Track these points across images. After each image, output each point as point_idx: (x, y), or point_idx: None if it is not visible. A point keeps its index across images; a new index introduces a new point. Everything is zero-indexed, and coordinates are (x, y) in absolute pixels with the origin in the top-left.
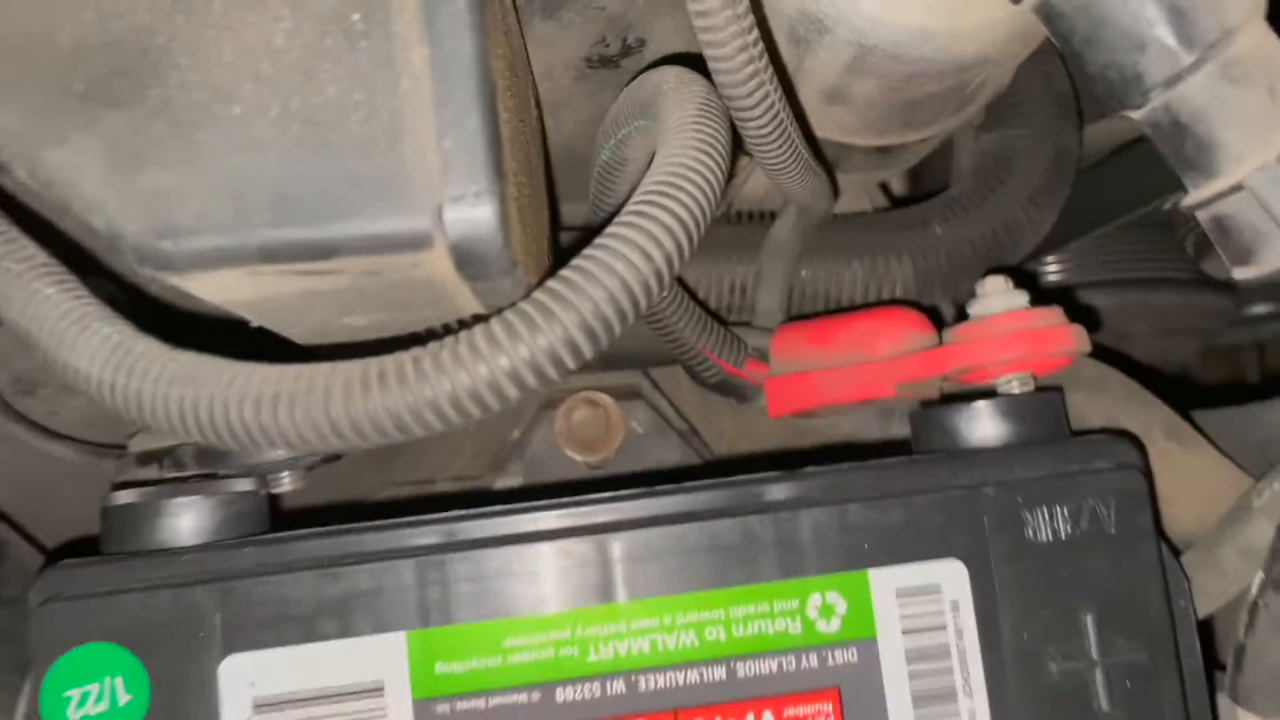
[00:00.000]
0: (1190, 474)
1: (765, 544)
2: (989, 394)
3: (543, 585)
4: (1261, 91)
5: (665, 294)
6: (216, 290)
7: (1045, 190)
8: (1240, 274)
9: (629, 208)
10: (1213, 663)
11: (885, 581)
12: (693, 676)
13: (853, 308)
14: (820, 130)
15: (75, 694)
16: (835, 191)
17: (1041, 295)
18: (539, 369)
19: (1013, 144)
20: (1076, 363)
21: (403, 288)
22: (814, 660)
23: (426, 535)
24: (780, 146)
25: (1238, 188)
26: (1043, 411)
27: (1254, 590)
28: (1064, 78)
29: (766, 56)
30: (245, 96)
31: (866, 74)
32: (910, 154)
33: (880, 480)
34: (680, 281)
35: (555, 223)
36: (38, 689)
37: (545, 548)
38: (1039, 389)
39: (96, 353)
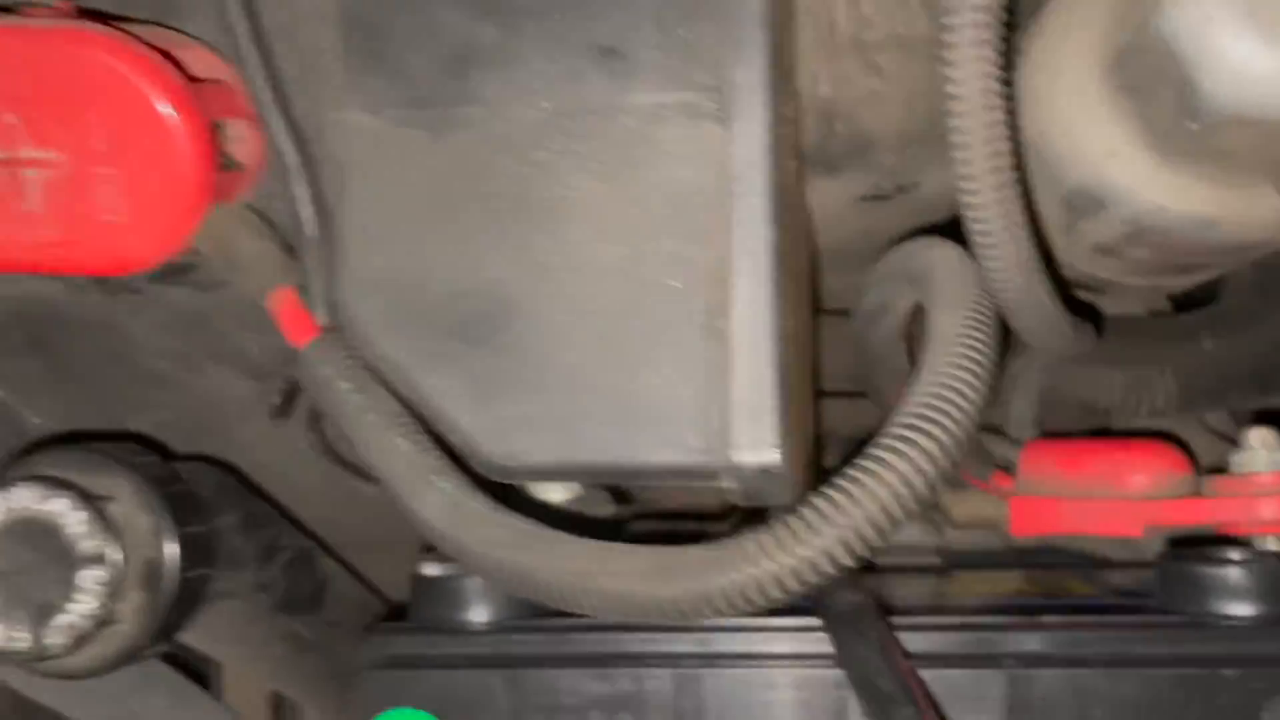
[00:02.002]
0: None
1: (996, 698)
2: (1244, 544)
3: (781, 706)
4: None
5: None
6: (544, 489)
7: None
8: None
9: (897, 422)
10: None
11: None
12: None
13: (1107, 417)
14: (1087, 269)
15: None
16: (1098, 332)
17: None
18: (800, 576)
19: None
20: None
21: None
22: None
23: (682, 643)
24: (1045, 330)
25: None
26: None
27: None
28: None
29: (1038, 267)
30: (579, 343)
31: (1141, 245)
32: (1180, 287)
33: (1116, 643)
34: None
35: (817, 309)
36: None
37: (785, 673)
38: None
39: (435, 507)
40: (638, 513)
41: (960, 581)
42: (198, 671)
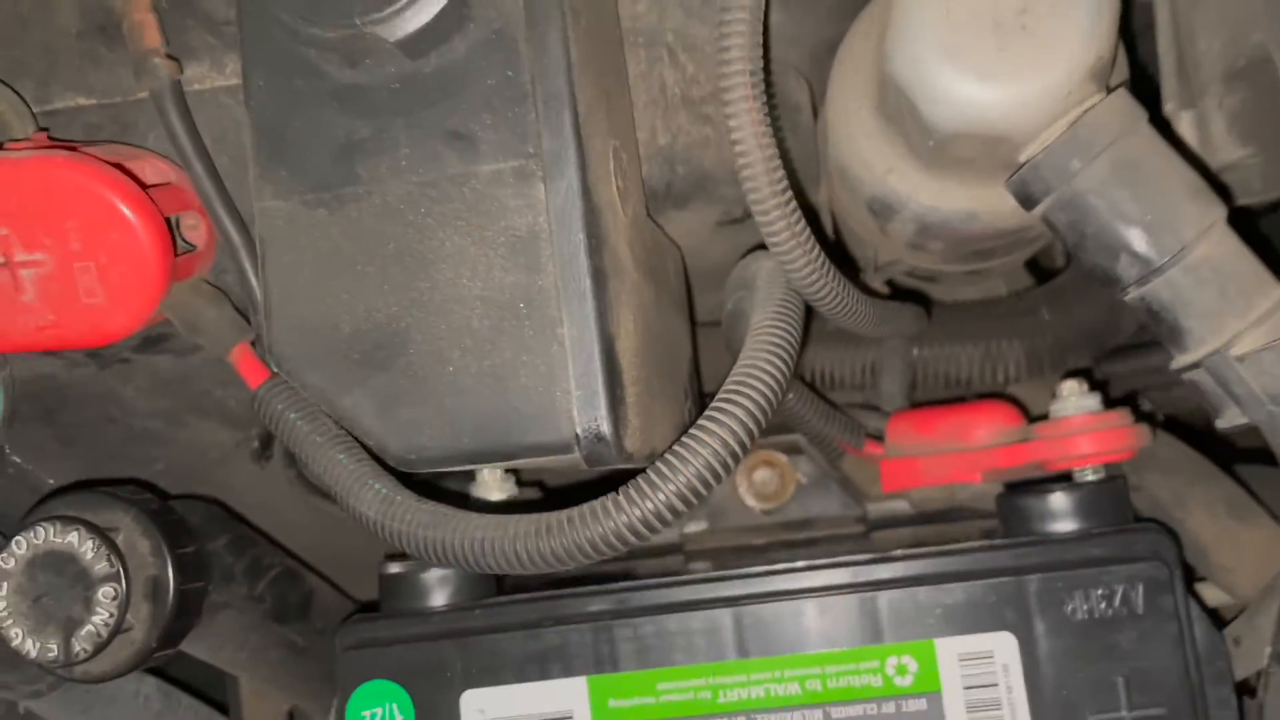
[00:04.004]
0: (1249, 547)
1: (855, 617)
2: (1066, 478)
3: (686, 645)
4: (1214, 291)
5: (790, 393)
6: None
7: None
8: (1218, 426)
9: (716, 400)
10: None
11: (949, 648)
12: (797, 717)
13: (969, 387)
14: (914, 261)
15: (368, 714)
16: (928, 311)
17: (1113, 400)
18: (649, 524)
19: None
20: (1154, 445)
21: (559, 464)
22: (891, 708)
23: (601, 603)
24: (851, 316)
25: (1198, 365)
26: (1105, 500)
27: (1265, 660)
28: None
29: (826, 264)
30: (455, 360)
31: (934, 238)
32: (1000, 270)
33: (947, 565)
34: (805, 383)
35: (694, 334)
36: (343, 710)
37: (688, 616)
38: (1109, 477)
39: (371, 503)
40: None
41: (863, 541)
42: (219, 703)
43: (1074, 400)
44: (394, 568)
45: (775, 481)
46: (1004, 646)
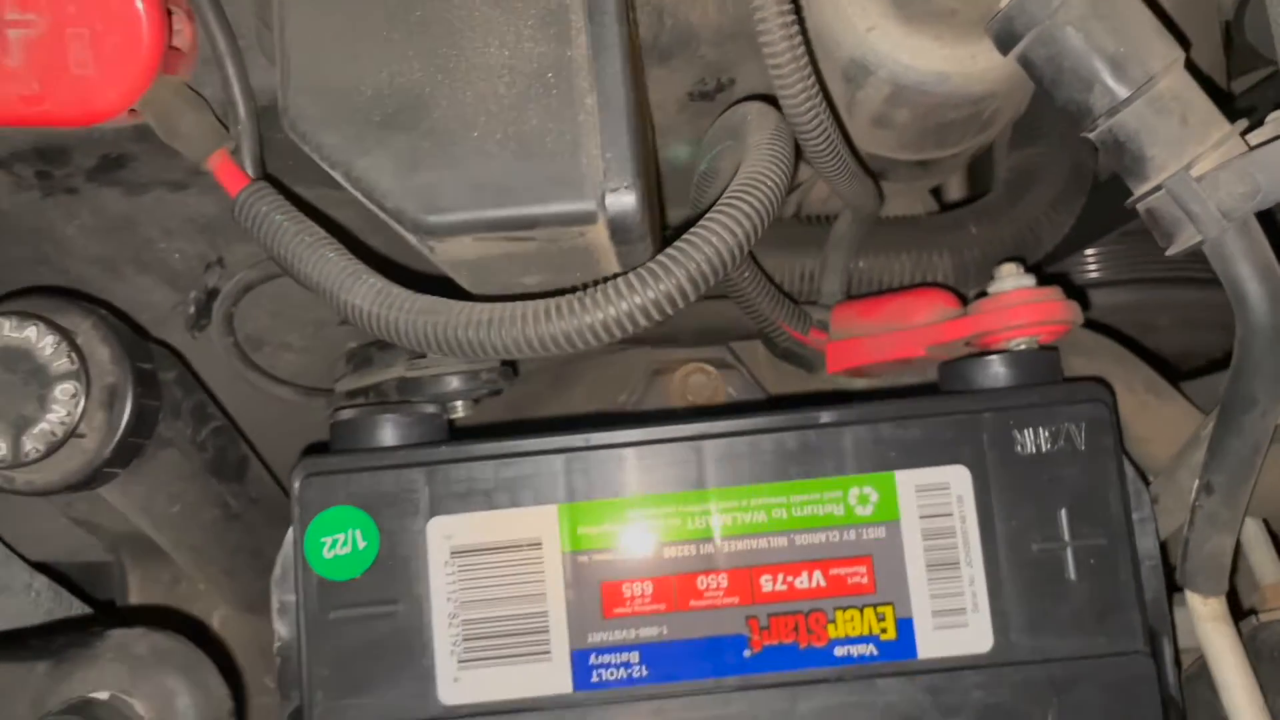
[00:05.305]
0: (1164, 420)
1: (819, 451)
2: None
3: (654, 476)
4: (1176, 120)
5: (747, 272)
6: (455, 251)
7: (1064, 198)
8: (1169, 251)
9: (721, 201)
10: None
11: (907, 480)
12: (762, 543)
13: None
14: (870, 148)
15: (328, 540)
16: (881, 195)
17: (1046, 279)
18: (660, 307)
19: (1036, 159)
20: (1076, 333)
21: (570, 253)
22: (852, 535)
23: (573, 440)
24: (832, 158)
25: (1159, 189)
26: (1041, 365)
27: (1192, 495)
28: None
29: (821, 93)
30: (480, 125)
31: (902, 105)
32: (945, 168)
33: (906, 407)
34: (759, 266)
35: (663, 217)
36: (301, 538)
37: (659, 450)
38: (1042, 348)
39: (366, 294)
40: None
41: None
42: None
43: (1011, 279)
44: (347, 414)
45: (709, 389)
46: (959, 479)
